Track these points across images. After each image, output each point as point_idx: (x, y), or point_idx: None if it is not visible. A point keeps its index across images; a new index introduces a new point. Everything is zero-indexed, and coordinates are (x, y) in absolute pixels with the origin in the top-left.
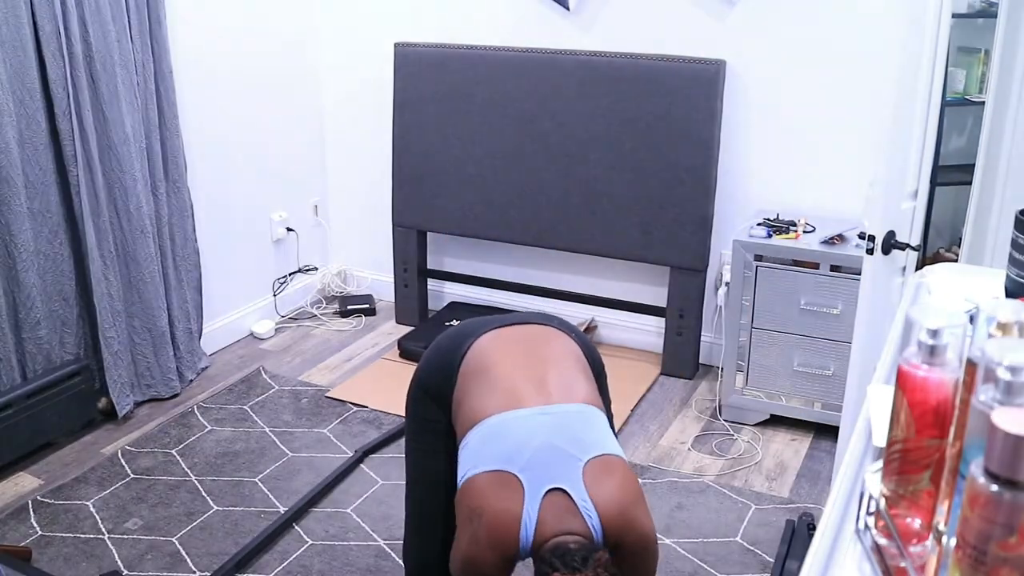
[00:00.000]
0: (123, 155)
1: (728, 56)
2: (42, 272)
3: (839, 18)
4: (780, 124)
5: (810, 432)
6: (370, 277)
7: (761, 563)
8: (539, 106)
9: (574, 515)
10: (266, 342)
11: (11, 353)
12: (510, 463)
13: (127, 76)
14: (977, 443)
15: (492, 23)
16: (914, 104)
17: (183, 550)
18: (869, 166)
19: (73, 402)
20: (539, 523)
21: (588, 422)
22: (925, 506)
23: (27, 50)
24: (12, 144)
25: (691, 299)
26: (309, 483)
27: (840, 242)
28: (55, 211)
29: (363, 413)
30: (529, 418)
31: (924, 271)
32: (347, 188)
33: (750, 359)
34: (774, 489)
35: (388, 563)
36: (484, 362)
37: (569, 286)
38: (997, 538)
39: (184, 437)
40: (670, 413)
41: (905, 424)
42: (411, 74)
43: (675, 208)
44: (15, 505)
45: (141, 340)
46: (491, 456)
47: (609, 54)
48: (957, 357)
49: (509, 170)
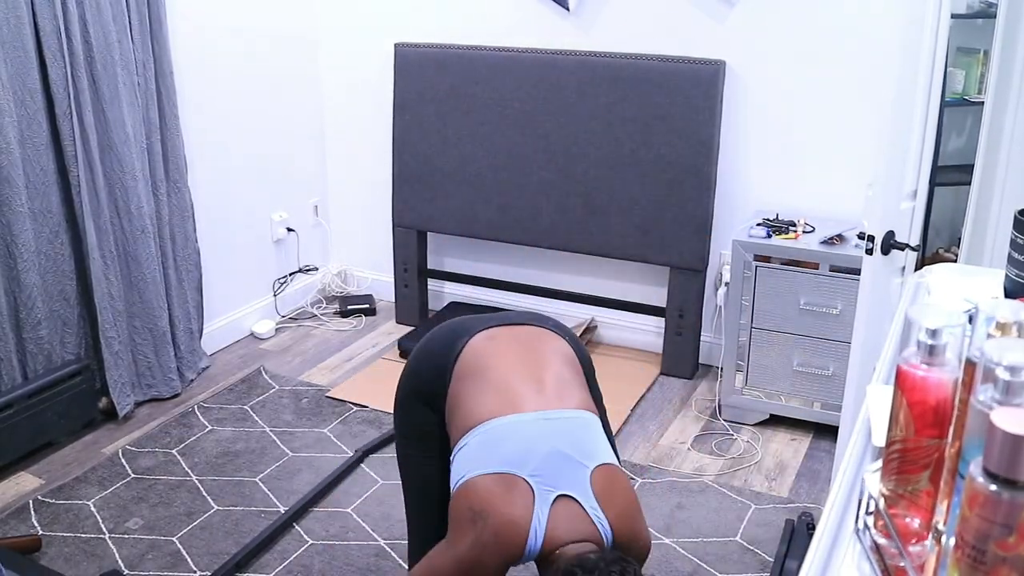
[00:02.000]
0: (124, 155)
1: (728, 56)
2: (43, 272)
3: (839, 18)
4: (780, 124)
5: (809, 432)
6: (370, 277)
7: (760, 563)
8: (539, 106)
9: (585, 522)
10: (266, 342)
11: (12, 353)
12: (517, 467)
13: (128, 76)
14: (976, 443)
15: (492, 23)
16: (914, 104)
17: (184, 550)
18: (869, 166)
19: (74, 402)
20: (549, 529)
21: (589, 430)
22: (924, 506)
23: (28, 50)
24: (13, 144)
25: (691, 299)
26: (309, 483)
27: (839, 242)
28: (56, 211)
29: (363, 413)
30: (532, 423)
31: (923, 271)
32: (347, 188)
33: (750, 359)
34: (774, 489)
35: (388, 563)
36: (479, 363)
37: (569, 286)
38: (996, 537)
39: (185, 437)
40: (670, 413)
41: (904, 424)
42: (411, 74)
43: (675, 208)
44: (16, 505)
45: (142, 340)
46: (495, 459)
47: (609, 54)
48: (956, 357)
49: (509, 170)
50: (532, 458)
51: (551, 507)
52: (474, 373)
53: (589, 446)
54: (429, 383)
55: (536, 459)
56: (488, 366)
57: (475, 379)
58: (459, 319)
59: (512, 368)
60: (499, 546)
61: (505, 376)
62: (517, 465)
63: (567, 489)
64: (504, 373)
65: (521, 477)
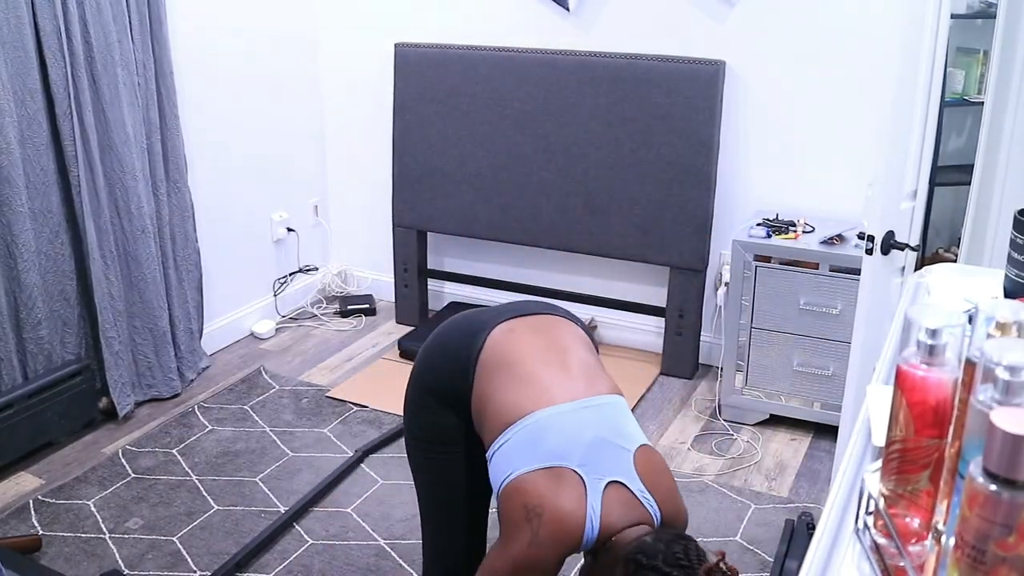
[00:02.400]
0: (124, 155)
1: (728, 56)
2: (43, 272)
3: (839, 18)
4: (780, 124)
5: (809, 432)
6: (370, 277)
7: (760, 562)
8: (539, 106)
9: (636, 507)
10: (266, 342)
11: (12, 353)
12: (565, 459)
13: (128, 76)
14: (976, 443)
15: (492, 23)
16: (914, 104)
17: (184, 550)
18: (869, 166)
19: (74, 402)
20: (603, 516)
21: (623, 413)
22: (924, 505)
23: (28, 50)
24: (13, 144)
25: (691, 299)
26: (309, 483)
27: (839, 242)
28: (56, 211)
29: (363, 413)
30: (571, 413)
31: (923, 271)
32: (347, 188)
33: (749, 359)
34: (773, 489)
35: (388, 563)
36: (505, 357)
37: (569, 286)
38: (996, 537)
39: (185, 437)
40: (670, 413)
41: (904, 424)
42: (411, 74)
43: (675, 208)
44: (16, 505)
45: (142, 340)
46: (540, 453)
47: (609, 54)
48: (956, 357)
49: (509, 170)
50: (577, 448)
51: (603, 495)
52: (500, 368)
53: (627, 429)
54: (450, 382)
55: (581, 449)
56: (514, 360)
57: (502, 374)
58: (471, 313)
59: (538, 359)
60: (557, 540)
61: (533, 369)
62: (564, 457)
63: (615, 475)
64: (531, 366)
65: (570, 468)
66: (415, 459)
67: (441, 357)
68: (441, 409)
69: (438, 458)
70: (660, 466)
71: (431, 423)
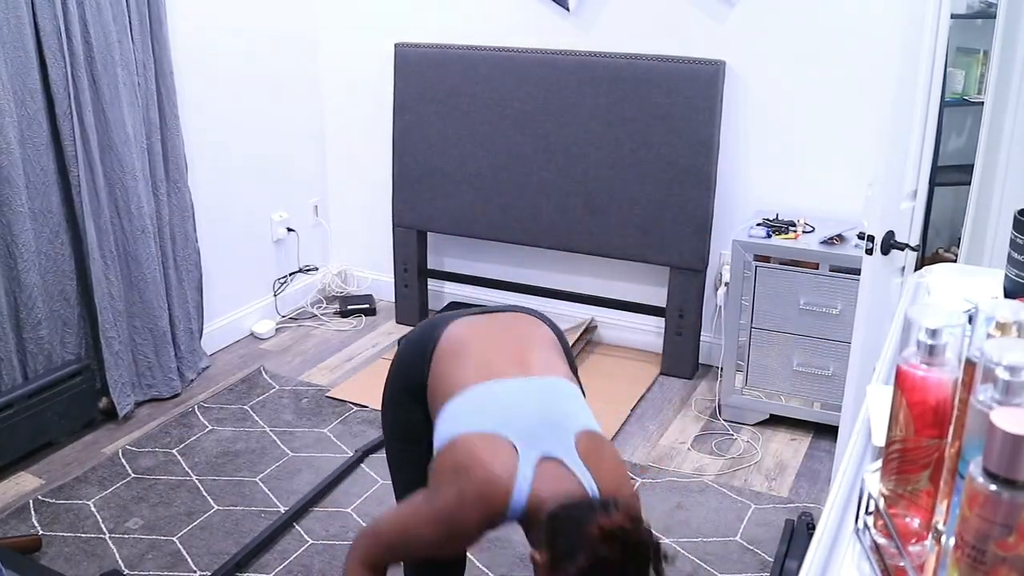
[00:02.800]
0: (124, 155)
1: (728, 56)
2: (43, 272)
3: (839, 18)
4: (780, 124)
5: (809, 432)
6: (370, 277)
7: (760, 562)
8: (539, 106)
9: (571, 481)
10: (266, 342)
11: (12, 353)
12: (501, 428)
13: (128, 76)
14: (976, 443)
15: (492, 23)
16: (913, 104)
17: (184, 550)
18: (868, 166)
19: (74, 402)
20: (534, 488)
21: (570, 395)
22: (924, 505)
23: (28, 50)
24: (13, 144)
25: (691, 299)
26: (309, 483)
27: (839, 242)
28: (56, 211)
29: (363, 413)
30: (513, 385)
31: (923, 271)
32: (347, 188)
33: (749, 359)
34: (773, 489)
35: None
36: (459, 346)
37: (569, 286)
38: (996, 537)
39: (185, 437)
40: (670, 413)
41: (904, 424)
42: (411, 74)
43: (675, 208)
44: (16, 505)
45: (142, 340)
46: (479, 420)
47: (609, 54)
48: (956, 357)
49: (509, 170)
50: (516, 420)
51: (536, 467)
52: (453, 354)
53: (573, 410)
54: (411, 374)
55: (520, 422)
56: (468, 349)
57: (455, 358)
58: (445, 313)
59: (492, 344)
60: (481, 501)
61: (485, 350)
62: (501, 426)
63: (552, 451)
64: (484, 348)
65: (506, 439)
66: (391, 458)
67: (407, 352)
68: (413, 406)
69: (412, 456)
70: (606, 450)
71: (404, 420)
